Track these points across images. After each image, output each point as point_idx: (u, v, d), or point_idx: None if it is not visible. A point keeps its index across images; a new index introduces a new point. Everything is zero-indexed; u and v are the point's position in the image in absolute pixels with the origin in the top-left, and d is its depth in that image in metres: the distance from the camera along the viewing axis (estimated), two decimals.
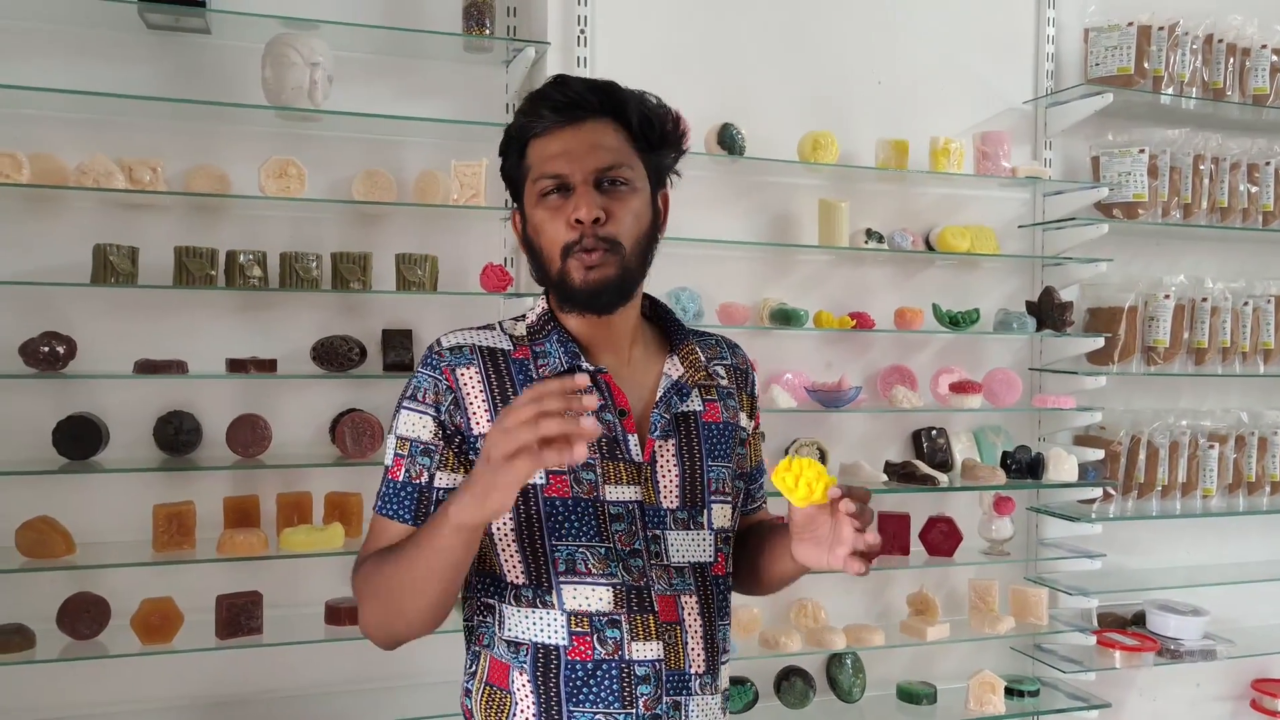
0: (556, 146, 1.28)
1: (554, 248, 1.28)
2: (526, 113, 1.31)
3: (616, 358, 1.36)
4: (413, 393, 1.30)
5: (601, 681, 1.26)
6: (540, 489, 1.27)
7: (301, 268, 2.35)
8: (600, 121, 1.29)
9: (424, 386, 1.30)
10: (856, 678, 2.79)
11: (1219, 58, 3.07)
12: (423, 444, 1.28)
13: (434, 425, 1.28)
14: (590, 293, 1.27)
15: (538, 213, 1.29)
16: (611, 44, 2.61)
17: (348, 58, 2.47)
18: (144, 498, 2.31)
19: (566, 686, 1.25)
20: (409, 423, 1.29)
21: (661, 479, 1.32)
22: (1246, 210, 3.15)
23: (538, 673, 1.26)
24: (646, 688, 1.27)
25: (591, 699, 1.25)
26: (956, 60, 2.97)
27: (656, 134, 1.33)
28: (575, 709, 1.25)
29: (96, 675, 2.32)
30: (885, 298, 2.88)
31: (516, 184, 1.35)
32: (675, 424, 1.35)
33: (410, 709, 2.42)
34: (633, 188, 1.30)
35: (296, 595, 2.44)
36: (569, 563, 1.27)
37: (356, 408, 2.47)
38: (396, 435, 1.30)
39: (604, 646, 1.26)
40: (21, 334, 2.19)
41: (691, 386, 1.38)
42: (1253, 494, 3.21)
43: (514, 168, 1.34)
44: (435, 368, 1.31)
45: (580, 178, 1.26)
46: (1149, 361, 3.06)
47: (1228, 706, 3.36)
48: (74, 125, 2.31)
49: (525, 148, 1.31)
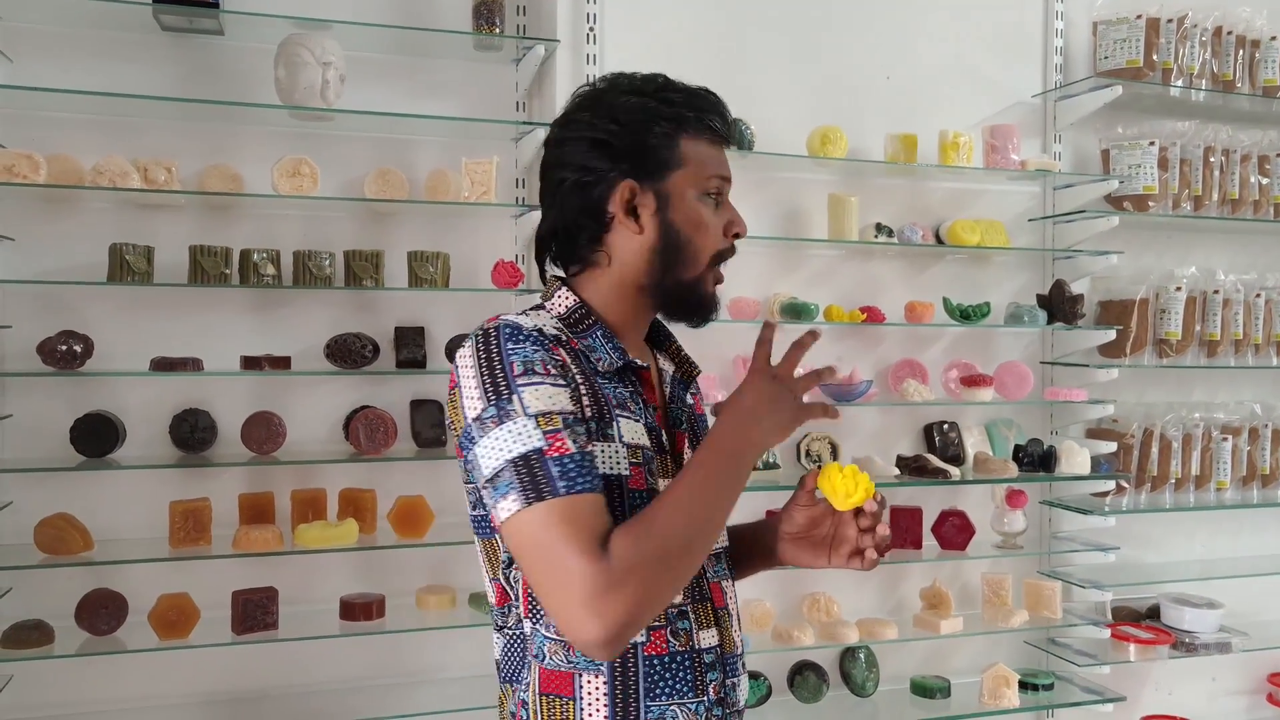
0: (720, 155, 1.32)
1: (707, 251, 1.30)
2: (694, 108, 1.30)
3: (637, 353, 1.37)
4: (525, 369, 1.17)
5: (677, 673, 1.25)
6: (626, 480, 1.23)
7: (315, 266, 2.37)
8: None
9: (536, 359, 1.18)
10: (870, 672, 2.79)
11: (1228, 49, 3.06)
12: (571, 413, 1.17)
13: (569, 395, 1.19)
14: (714, 306, 1.34)
15: (702, 208, 1.29)
16: (621, 41, 2.62)
17: (359, 57, 2.49)
18: (160, 495, 2.33)
19: (645, 682, 1.23)
20: (543, 396, 1.16)
21: None
22: (1258, 202, 3.14)
23: (615, 673, 1.22)
24: (714, 674, 1.28)
25: (668, 691, 1.24)
26: (965, 54, 2.97)
27: None
28: (651, 703, 1.23)
29: (114, 670, 2.34)
30: (896, 292, 2.89)
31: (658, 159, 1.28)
32: (685, 418, 1.39)
33: (425, 705, 2.43)
34: None
35: (311, 591, 2.46)
36: None
37: (370, 404, 2.48)
38: (531, 415, 1.14)
39: (677, 639, 1.26)
40: (39, 333, 2.22)
41: (688, 381, 1.43)
42: (1267, 486, 3.20)
43: (663, 142, 1.28)
44: (540, 344, 1.20)
45: (727, 195, 1.33)
46: (1161, 354, 3.05)
47: (1244, 700, 3.34)
48: (89, 126, 2.34)
49: (676, 135, 1.28)
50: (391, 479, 2.51)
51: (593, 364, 1.27)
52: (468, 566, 2.60)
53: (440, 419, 2.53)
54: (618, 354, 1.29)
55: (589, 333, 1.29)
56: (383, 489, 2.46)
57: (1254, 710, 3.33)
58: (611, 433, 1.23)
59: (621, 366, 1.29)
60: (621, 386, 1.28)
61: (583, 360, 1.26)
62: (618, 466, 1.22)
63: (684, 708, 1.25)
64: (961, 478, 2.72)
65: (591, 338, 1.29)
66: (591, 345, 1.28)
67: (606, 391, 1.25)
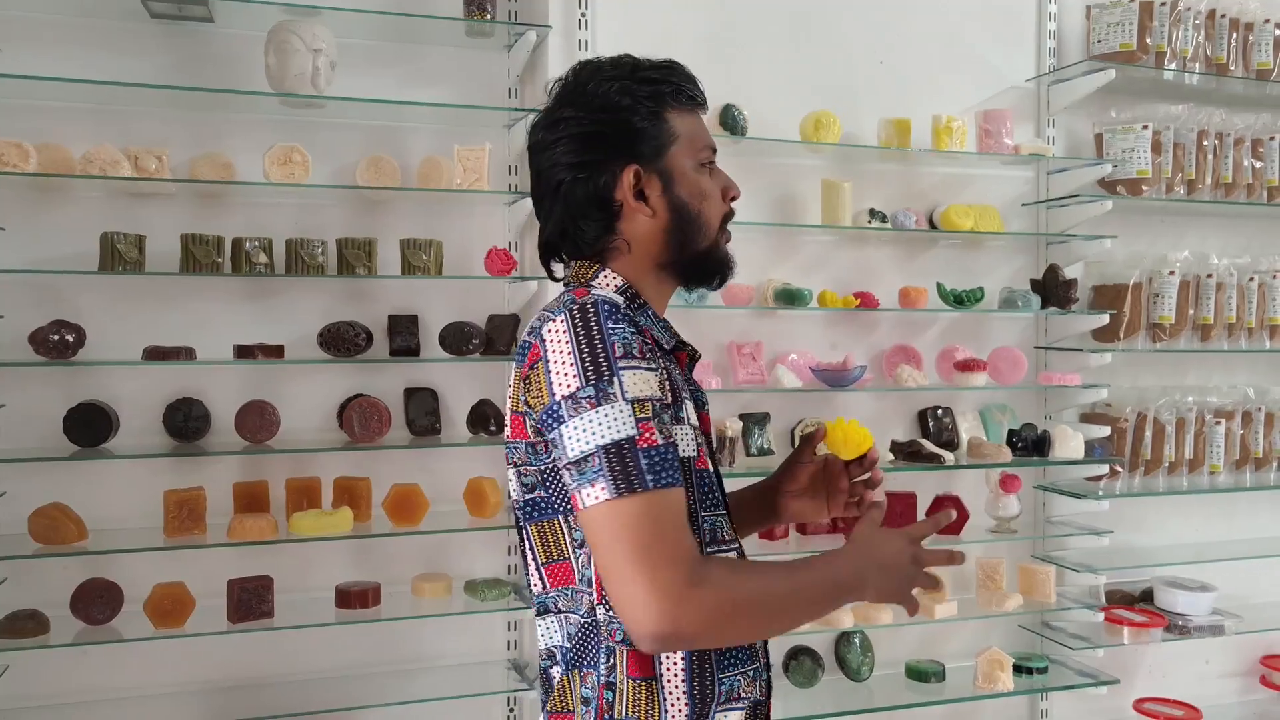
0: (703, 124, 1.36)
1: (716, 217, 1.34)
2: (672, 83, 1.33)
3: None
4: (624, 350, 1.16)
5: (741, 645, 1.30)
6: (693, 461, 1.26)
7: (307, 254, 2.36)
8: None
9: (634, 342, 1.18)
10: (865, 656, 2.80)
11: (1222, 32, 3.05)
12: (659, 401, 1.17)
13: (659, 380, 1.19)
14: (732, 265, 1.38)
15: (704, 180, 1.33)
16: (613, 27, 2.61)
17: (350, 44, 2.48)
18: (154, 484, 2.33)
19: (717, 655, 1.27)
20: (639, 381, 1.15)
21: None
22: (1251, 186, 3.14)
23: (693, 657, 1.25)
24: (762, 642, 1.34)
25: (734, 662, 1.29)
26: (958, 38, 2.96)
27: None
28: (723, 675, 1.27)
29: (110, 660, 2.35)
30: (889, 277, 2.89)
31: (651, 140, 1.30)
32: None
33: (421, 692, 2.44)
34: None
35: (307, 579, 2.46)
36: (712, 533, 1.29)
37: (364, 393, 2.48)
38: (630, 400, 1.14)
39: None
40: (31, 323, 2.21)
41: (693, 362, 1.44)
42: (1260, 470, 3.21)
43: (652, 123, 1.30)
44: (632, 324, 1.20)
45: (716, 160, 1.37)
46: (1154, 338, 3.05)
47: (1237, 683, 3.36)
48: (80, 115, 2.33)
49: (662, 112, 1.31)
50: (386, 467, 2.51)
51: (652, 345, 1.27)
52: (462, 554, 2.60)
53: (433, 407, 2.53)
54: (668, 335, 1.34)
55: (642, 312, 1.32)
56: (377, 477, 2.46)
57: (1247, 692, 3.35)
58: (683, 415, 1.26)
59: (673, 347, 1.33)
60: (674, 368, 1.31)
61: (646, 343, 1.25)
62: (687, 449, 1.25)
63: (746, 675, 1.30)
64: (956, 463, 2.73)
65: (645, 318, 1.31)
66: (648, 326, 1.31)
67: (685, 392, 1.30)
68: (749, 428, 2.68)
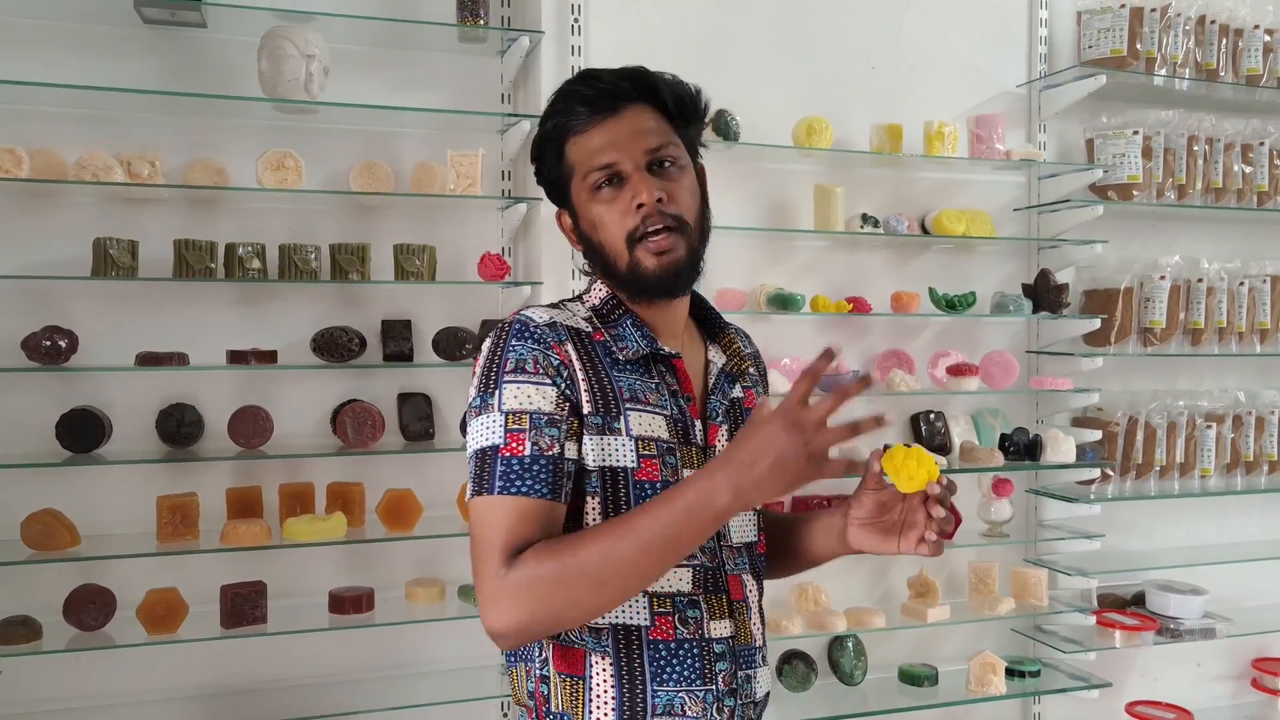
0: (600, 139, 1.28)
1: (617, 240, 1.29)
2: (559, 112, 1.31)
3: (675, 342, 1.38)
4: (516, 365, 1.23)
5: (684, 660, 1.27)
6: (632, 472, 1.26)
7: (300, 259, 2.37)
8: (636, 107, 1.31)
9: (529, 358, 1.24)
10: (858, 660, 2.80)
11: (1212, 38, 3.07)
12: (546, 414, 1.22)
13: (556, 395, 1.23)
14: (665, 277, 1.29)
15: (594, 208, 1.30)
16: (605, 32, 2.61)
17: (343, 50, 2.48)
18: (147, 490, 2.32)
19: (651, 666, 1.26)
20: (520, 395, 1.22)
21: None
22: (1241, 190, 3.15)
23: (620, 654, 1.25)
24: (724, 664, 1.30)
25: (675, 678, 1.26)
26: (949, 44, 2.97)
27: (690, 110, 1.36)
28: (659, 688, 1.26)
29: (103, 666, 2.35)
30: (882, 282, 2.90)
31: (559, 185, 1.35)
32: (728, 410, 1.39)
33: (415, 697, 2.44)
34: (681, 166, 1.32)
35: (300, 585, 2.46)
36: None
37: (357, 398, 2.48)
38: (504, 411, 1.21)
39: (685, 626, 1.28)
40: (23, 328, 2.21)
41: (737, 375, 1.42)
42: (1250, 473, 3.22)
43: (553, 169, 1.34)
44: (541, 341, 1.25)
45: (631, 164, 1.28)
46: (1145, 342, 3.07)
47: (1228, 686, 3.37)
48: (72, 120, 2.33)
49: (563, 147, 1.32)
50: (379, 472, 2.51)
51: (614, 355, 1.30)
52: (456, 559, 2.60)
53: (427, 412, 2.53)
54: (646, 341, 1.32)
55: (619, 322, 1.33)
56: (370, 482, 2.46)
57: (1238, 695, 3.37)
58: (618, 426, 1.26)
59: (648, 355, 1.32)
60: (645, 378, 1.31)
61: (599, 354, 1.30)
62: (623, 459, 1.26)
63: (692, 695, 1.27)
64: (948, 467, 2.74)
65: (621, 327, 1.33)
66: (620, 334, 1.32)
67: (621, 384, 1.29)
68: None
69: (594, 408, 1.25)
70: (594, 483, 1.26)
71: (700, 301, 1.46)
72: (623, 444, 1.26)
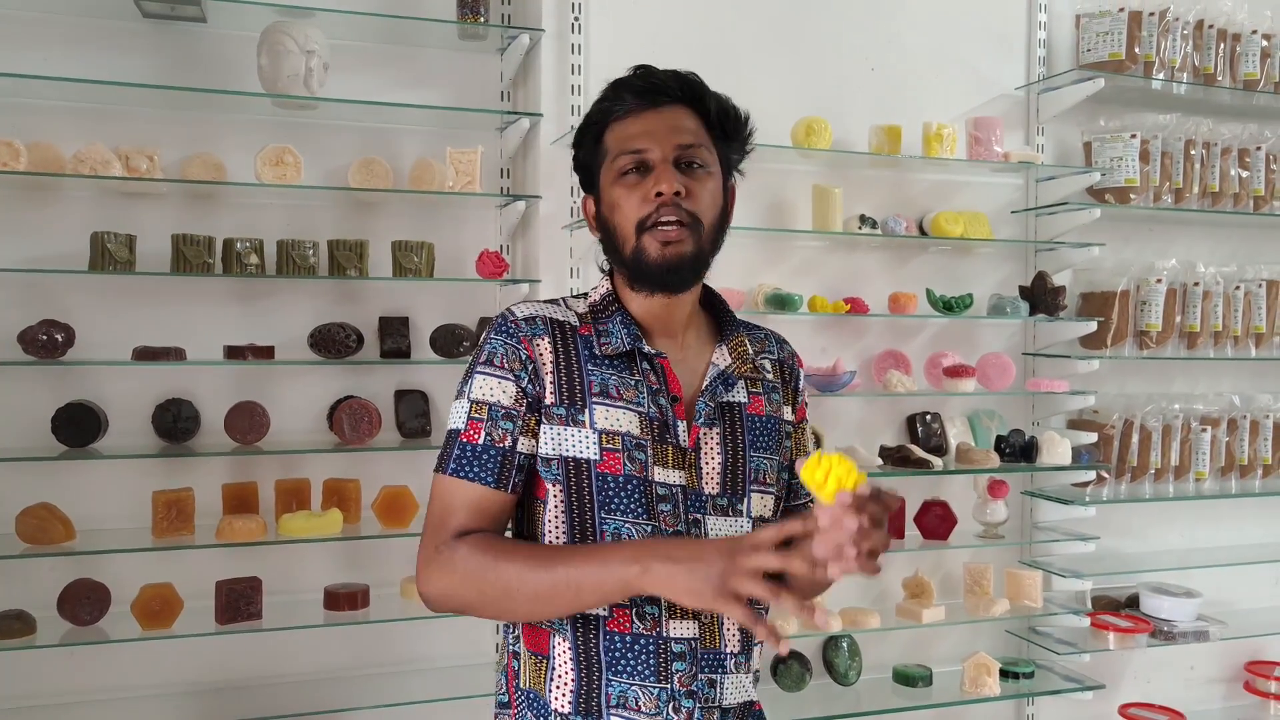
0: (638, 127, 1.32)
1: (629, 224, 1.31)
2: (608, 98, 1.35)
3: (672, 342, 1.39)
4: (488, 358, 1.33)
5: (639, 655, 1.29)
6: (594, 464, 1.30)
7: (298, 255, 2.36)
8: (680, 107, 1.34)
9: (500, 352, 1.32)
10: (853, 660, 2.81)
11: (1209, 43, 3.08)
12: (504, 408, 1.30)
13: (515, 391, 1.31)
14: (666, 268, 1.30)
15: (615, 190, 1.33)
16: (606, 31, 2.62)
17: (343, 46, 2.48)
18: (143, 485, 2.32)
19: (607, 656, 1.29)
20: (486, 387, 1.31)
21: (705, 465, 1.35)
22: (1238, 195, 3.16)
23: (578, 640, 1.30)
24: (682, 665, 1.30)
25: (629, 670, 1.29)
26: (949, 46, 2.98)
27: (732, 124, 1.38)
28: (613, 678, 1.29)
29: (97, 661, 2.34)
30: (879, 283, 2.90)
31: (591, 170, 1.38)
32: (720, 413, 1.38)
33: (409, 694, 2.43)
34: (709, 171, 1.34)
35: (295, 581, 2.46)
36: (615, 536, 1.29)
37: (354, 394, 2.48)
38: (470, 399, 1.32)
39: (642, 622, 1.29)
40: (20, 322, 2.21)
41: (737, 377, 1.40)
42: (1245, 477, 3.23)
43: (589, 153, 1.38)
44: (513, 336, 1.33)
45: (660, 155, 1.30)
46: (1141, 345, 3.08)
47: (1221, 689, 3.38)
48: (71, 114, 2.32)
49: (604, 132, 1.35)
50: (375, 469, 2.51)
51: (594, 350, 1.34)
52: None
53: (424, 409, 2.53)
54: (630, 339, 1.34)
55: (610, 318, 1.37)
56: (367, 479, 2.46)
57: (1231, 698, 3.37)
58: (582, 418, 1.31)
59: (630, 352, 1.34)
60: (624, 373, 1.34)
61: (578, 348, 1.34)
62: (585, 451, 1.30)
63: (645, 690, 1.29)
64: (944, 468, 2.74)
65: (611, 322, 1.37)
66: (607, 330, 1.36)
67: (592, 379, 1.32)
68: None
69: (558, 399, 1.31)
70: (556, 471, 1.30)
71: (718, 302, 1.47)
72: (585, 436, 1.30)
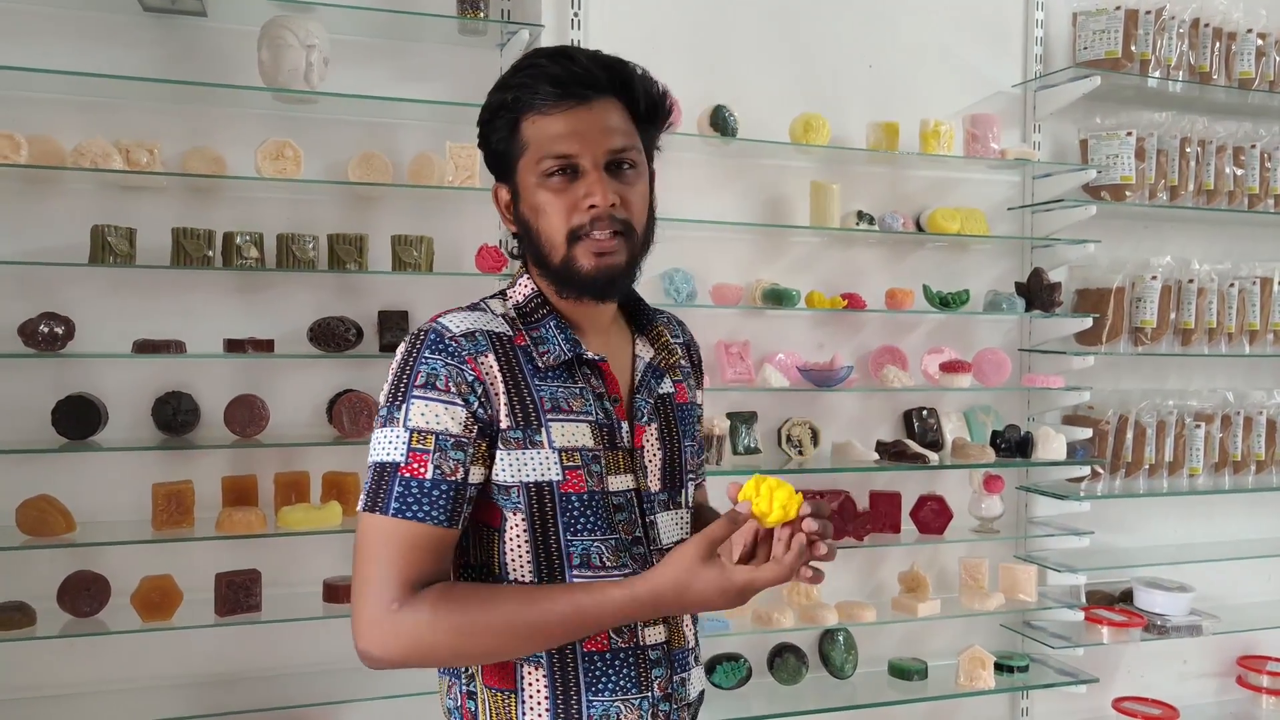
0: (563, 126, 1.21)
1: (557, 233, 1.22)
2: (523, 85, 1.22)
3: (601, 340, 1.33)
4: (426, 380, 1.18)
5: (620, 670, 1.25)
6: (557, 485, 1.23)
7: (298, 249, 2.37)
8: (607, 100, 1.23)
9: (442, 374, 1.18)
10: (849, 654, 2.82)
11: (1205, 41, 3.10)
12: (453, 437, 1.17)
13: (465, 416, 1.18)
14: (599, 280, 1.23)
15: (540, 193, 1.22)
16: (605, 26, 2.62)
17: (343, 40, 2.48)
18: (143, 477, 2.33)
19: (586, 677, 1.24)
20: (429, 413, 1.17)
21: (649, 463, 1.31)
22: (1233, 193, 3.18)
23: (554, 667, 1.23)
24: (660, 670, 1.28)
25: (610, 687, 1.25)
26: (946, 44, 2.99)
27: (658, 112, 1.29)
28: (594, 698, 1.24)
29: (97, 652, 2.35)
30: (876, 279, 2.91)
31: (505, 159, 1.27)
32: (655, 407, 1.35)
33: (407, 687, 2.44)
34: (639, 170, 1.26)
35: (295, 574, 2.46)
36: (584, 557, 1.24)
37: (353, 388, 2.49)
38: (408, 428, 1.17)
39: (620, 635, 1.25)
40: (20, 314, 2.21)
41: (665, 369, 1.37)
42: (1238, 473, 3.25)
43: (503, 141, 1.26)
44: (455, 355, 1.20)
45: (592, 161, 1.21)
46: (1136, 342, 3.09)
47: (1214, 683, 3.40)
48: (71, 107, 2.32)
49: (519, 122, 1.23)
50: None
51: (534, 361, 1.25)
52: None
53: None
54: (569, 346, 1.27)
55: (542, 323, 1.28)
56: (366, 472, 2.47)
57: (1224, 692, 3.40)
58: (539, 439, 1.22)
59: (570, 359, 1.27)
60: (568, 382, 1.26)
61: (518, 362, 1.24)
62: (547, 473, 1.22)
63: (628, 703, 1.25)
64: (940, 463, 2.76)
65: (544, 328, 1.28)
66: (542, 336, 1.27)
67: (542, 394, 1.24)
68: (736, 426, 2.70)
69: (513, 422, 1.21)
70: (516, 498, 1.22)
71: (629, 292, 1.37)
72: (545, 457, 1.22)
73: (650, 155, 1.32)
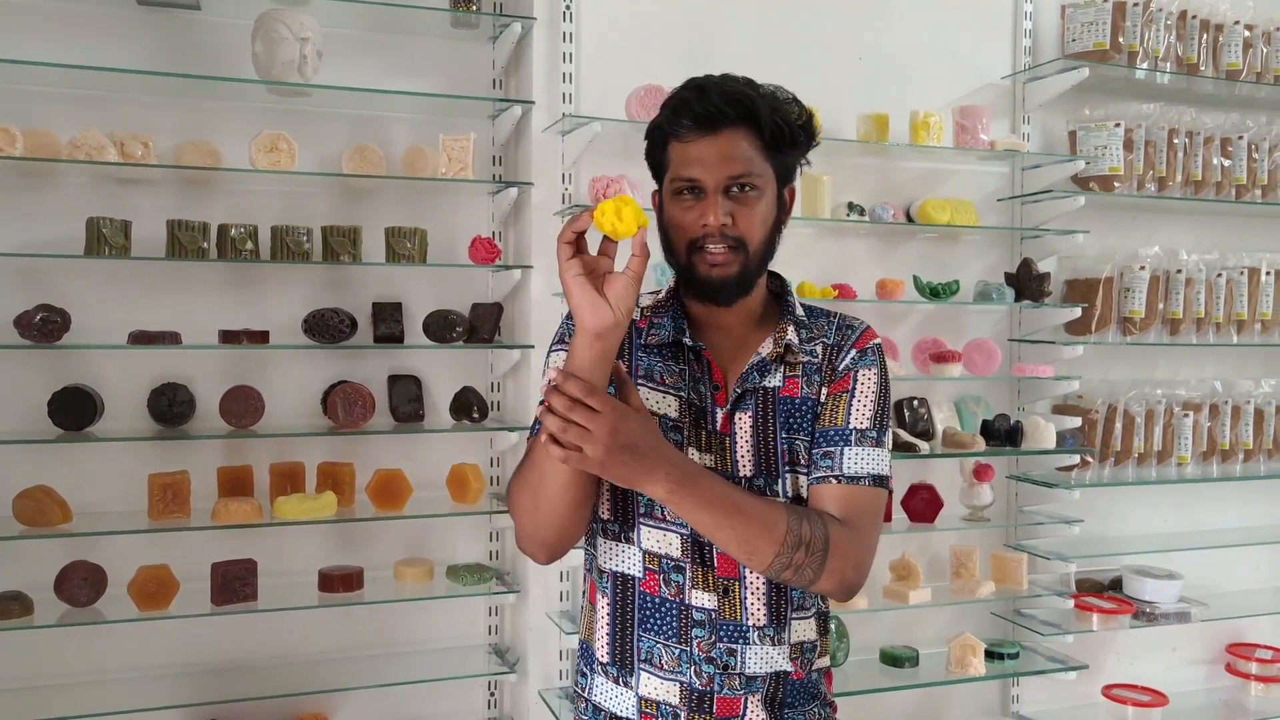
0: (693, 153, 1.38)
1: (682, 241, 1.41)
2: (669, 120, 1.41)
3: (726, 335, 1.47)
4: (558, 339, 1.47)
5: (665, 617, 1.41)
6: None
7: (292, 241, 2.39)
8: (735, 130, 1.39)
9: (565, 334, 1.46)
10: (840, 642, 2.84)
11: (1193, 33, 3.12)
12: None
13: None
14: (714, 287, 1.39)
15: (672, 206, 1.41)
16: (597, 20, 2.64)
17: (336, 33, 2.50)
18: (139, 468, 2.34)
19: (639, 614, 1.42)
20: (558, 360, 1.44)
21: (739, 448, 1.42)
22: (1220, 184, 3.20)
23: (616, 597, 1.43)
24: (701, 631, 1.40)
25: (655, 629, 1.41)
26: (936, 35, 3.01)
27: (787, 140, 1.42)
28: (643, 634, 1.42)
29: (94, 642, 2.37)
30: (867, 269, 2.93)
31: (658, 170, 1.47)
32: (752, 398, 1.43)
33: (402, 675, 2.47)
34: (760, 192, 1.40)
35: (290, 563, 2.48)
36: (649, 506, 1.41)
37: (347, 379, 2.51)
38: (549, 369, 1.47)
39: (668, 587, 1.40)
40: (16, 306, 2.22)
41: (773, 363, 1.44)
42: (1226, 461, 3.27)
43: (659, 155, 1.45)
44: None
45: (712, 185, 1.37)
46: (1125, 332, 3.12)
47: (1203, 670, 3.43)
48: (66, 100, 2.34)
49: (666, 143, 1.43)
50: (369, 452, 2.54)
51: (643, 339, 1.46)
52: (444, 539, 2.64)
53: (417, 393, 2.56)
54: (673, 330, 1.46)
55: (666, 312, 1.48)
56: (360, 462, 2.49)
57: (1213, 679, 3.42)
58: None
59: (674, 342, 1.45)
60: (670, 362, 1.45)
61: (633, 337, 1.47)
62: None
63: (669, 649, 1.41)
64: (930, 452, 2.78)
65: (664, 317, 1.48)
66: (659, 322, 1.47)
67: (639, 364, 1.45)
68: None
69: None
70: None
71: (783, 292, 1.52)
72: None
73: (787, 174, 1.46)
